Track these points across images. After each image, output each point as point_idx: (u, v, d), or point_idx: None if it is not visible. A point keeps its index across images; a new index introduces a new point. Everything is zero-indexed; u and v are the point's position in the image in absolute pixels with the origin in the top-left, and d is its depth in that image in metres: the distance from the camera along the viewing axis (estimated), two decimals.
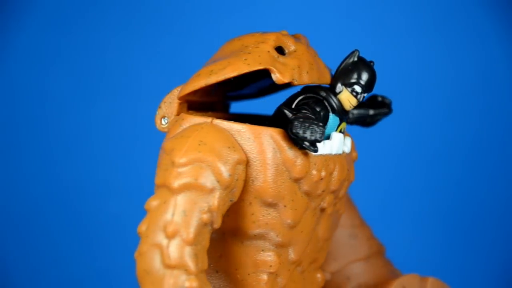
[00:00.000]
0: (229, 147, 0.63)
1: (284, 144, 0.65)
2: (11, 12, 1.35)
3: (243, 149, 0.64)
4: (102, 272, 1.21)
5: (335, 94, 0.68)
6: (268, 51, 0.66)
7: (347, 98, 0.67)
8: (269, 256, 0.65)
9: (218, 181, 0.61)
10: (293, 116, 0.63)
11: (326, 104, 0.68)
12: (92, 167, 1.32)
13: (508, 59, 1.30)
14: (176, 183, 0.61)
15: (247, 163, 0.64)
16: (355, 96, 0.68)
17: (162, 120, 0.69)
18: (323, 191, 0.67)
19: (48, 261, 1.32)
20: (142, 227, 0.62)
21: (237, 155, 0.63)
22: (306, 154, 0.64)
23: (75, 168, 1.33)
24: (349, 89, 0.67)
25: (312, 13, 1.30)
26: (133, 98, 1.36)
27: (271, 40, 0.68)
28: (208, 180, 0.61)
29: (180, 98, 0.68)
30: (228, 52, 0.68)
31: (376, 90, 0.75)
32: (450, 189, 1.31)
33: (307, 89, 0.69)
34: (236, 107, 0.80)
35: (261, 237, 0.65)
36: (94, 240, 1.32)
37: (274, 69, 0.65)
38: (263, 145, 0.65)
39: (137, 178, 1.20)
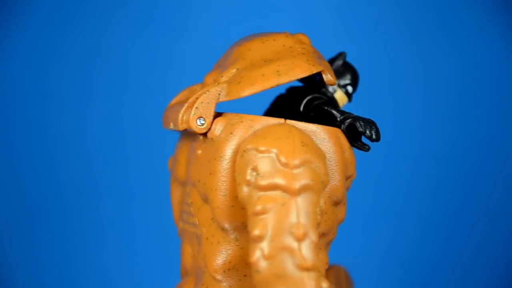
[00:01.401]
0: (318, 148, 0.63)
1: (346, 144, 0.66)
2: (11, 11, 1.35)
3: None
4: (102, 272, 1.21)
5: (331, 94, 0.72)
6: (314, 51, 0.68)
7: (340, 98, 0.70)
8: (324, 255, 0.66)
9: (323, 182, 0.61)
10: (347, 116, 0.66)
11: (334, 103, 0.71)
12: (92, 167, 1.32)
13: (510, 59, 1.30)
14: (296, 185, 0.60)
15: None
16: (348, 96, 0.71)
17: (198, 120, 0.69)
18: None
19: (48, 261, 1.32)
20: (258, 232, 0.59)
21: (323, 155, 0.63)
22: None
23: (75, 168, 1.33)
24: (343, 90, 0.71)
25: (308, 13, 1.30)
26: (133, 98, 1.36)
27: (307, 41, 0.70)
28: (319, 181, 0.61)
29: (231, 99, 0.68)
30: (268, 52, 0.68)
31: (379, 90, 0.76)
32: (450, 189, 1.31)
33: (308, 89, 0.70)
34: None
35: (323, 236, 0.65)
36: (94, 240, 1.32)
37: (326, 70, 0.67)
38: (336, 145, 0.65)
39: (137, 178, 1.20)
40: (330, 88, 0.71)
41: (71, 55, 1.35)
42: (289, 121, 0.66)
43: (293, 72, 0.65)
